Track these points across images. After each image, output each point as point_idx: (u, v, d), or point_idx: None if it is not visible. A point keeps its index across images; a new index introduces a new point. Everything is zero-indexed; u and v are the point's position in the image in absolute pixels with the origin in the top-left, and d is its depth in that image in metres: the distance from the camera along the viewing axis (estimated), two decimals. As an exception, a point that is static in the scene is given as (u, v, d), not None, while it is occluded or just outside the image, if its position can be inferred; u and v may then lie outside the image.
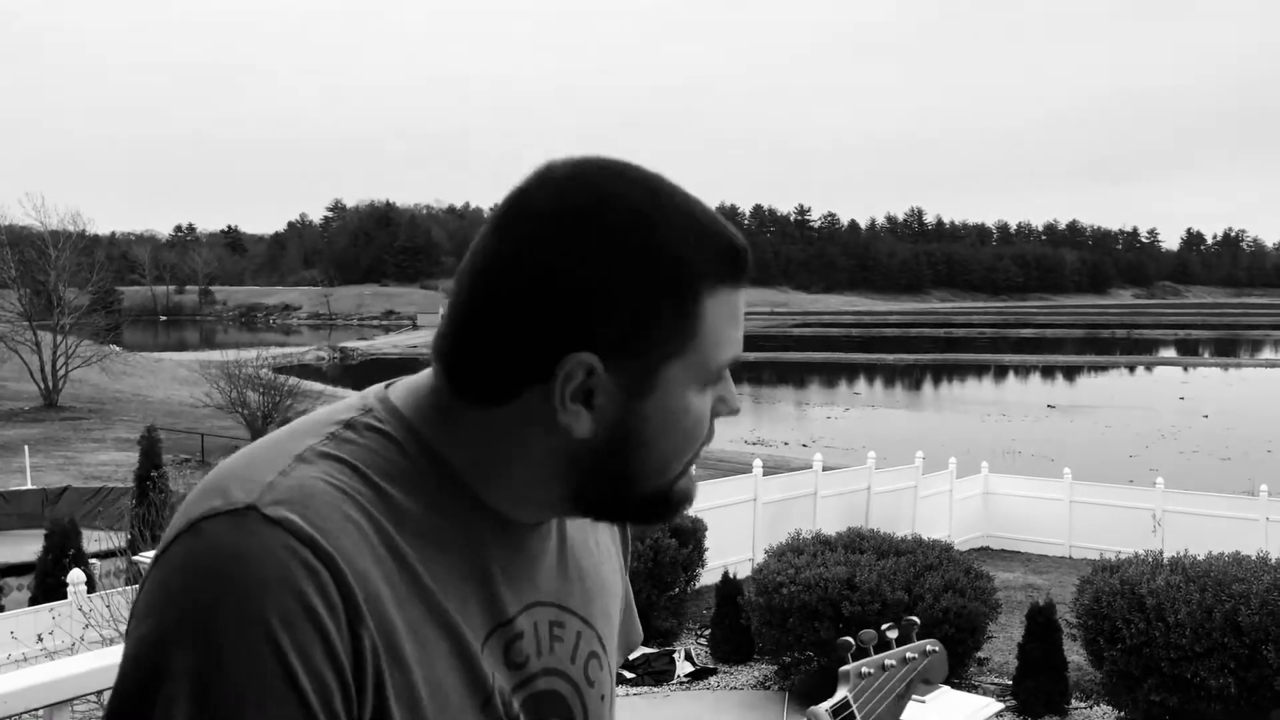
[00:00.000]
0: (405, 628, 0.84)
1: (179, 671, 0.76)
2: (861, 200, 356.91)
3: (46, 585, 9.81)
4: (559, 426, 0.87)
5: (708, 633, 9.61)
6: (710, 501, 11.65)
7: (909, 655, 1.27)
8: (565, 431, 0.87)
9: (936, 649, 1.30)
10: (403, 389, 0.93)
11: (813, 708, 1.14)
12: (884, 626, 1.25)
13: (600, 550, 1.06)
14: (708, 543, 9.86)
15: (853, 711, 1.17)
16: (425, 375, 0.93)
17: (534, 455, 0.89)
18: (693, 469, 0.95)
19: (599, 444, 0.88)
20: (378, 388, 0.94)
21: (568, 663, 0.97)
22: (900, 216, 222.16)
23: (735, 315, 0.90)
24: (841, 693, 1.18)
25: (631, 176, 0.88)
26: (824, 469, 13.69)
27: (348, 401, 0.93)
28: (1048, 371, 59.17)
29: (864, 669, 1.21)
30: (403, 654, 0.84)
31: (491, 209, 0.92)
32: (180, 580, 0.80)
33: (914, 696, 1.24)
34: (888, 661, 1.24)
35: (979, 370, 59.99)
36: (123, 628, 5.15)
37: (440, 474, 0.89)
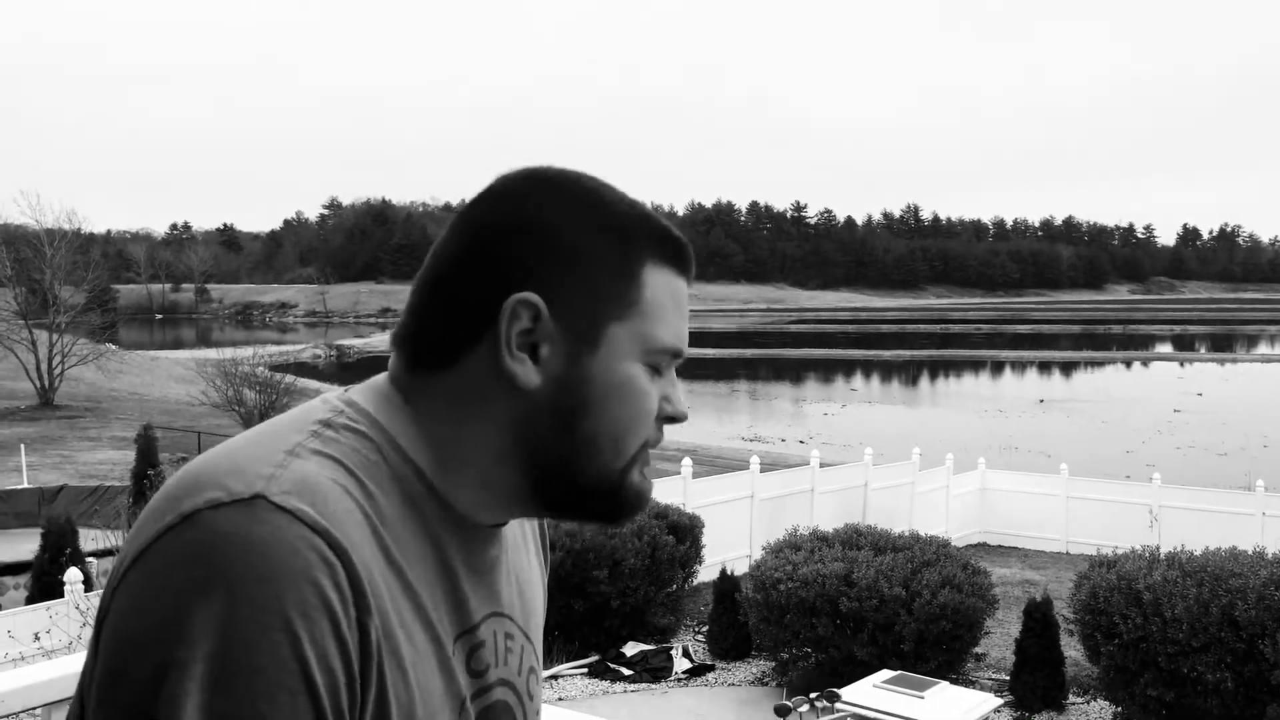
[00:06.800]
0: (400, 628, 0.84)
1: (189, 660, 0.74)
2: (858, 196, 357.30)
3: (43, 584, 9.81)
4: (510, 383, 0.88)
5: (705, 629, 9.62)
6: (707, 498, 11.65)
7: None
8: (513, 381, 0.88)
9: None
10: (364, 392, 0.93)
11: None
12: (812, 695, 1.36)
13: (531, 572, 1.07)
14: (705, 539, 9.86)
15: None
16: (382, 377, 0.94)
17: (489, 425, 0.90)
18: (647, 468, 0.95)
19: (548, 402, 0.89)
20: (337, 391, 0.94)
21: (515, 675, 0.98)
22: (896, 213, 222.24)
23: (678, 301, 0.93)
24: None
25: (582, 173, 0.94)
26: (821, 465, 13.69)
27: (313, 404, 0.92)
28: (1044, 367, 59.21)
29: None
30: (400, 653, 0.84)
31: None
32: (188, 569, 0.76)
33: (913, 693, 1.29)
34: None
35: (975, 366, 60.01)
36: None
37: (411, 474, 0.89)
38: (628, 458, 0.92)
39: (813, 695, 1.23)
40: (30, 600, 9.59)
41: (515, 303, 0.87)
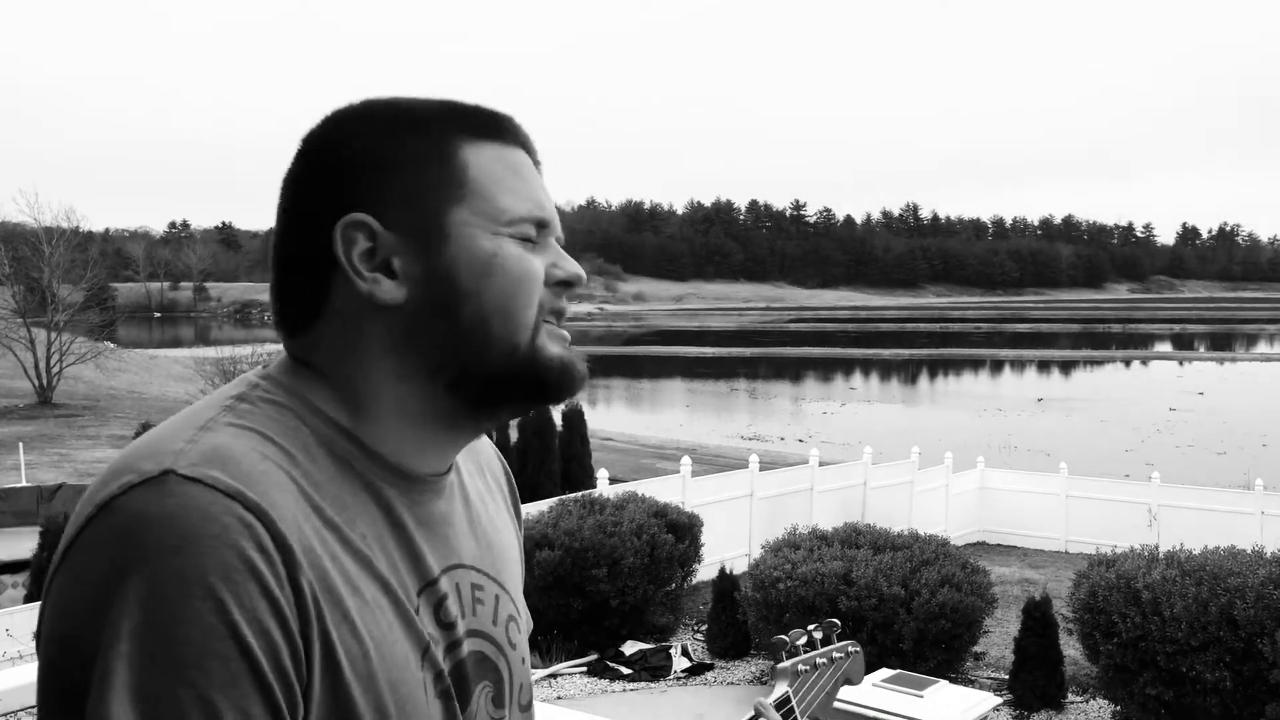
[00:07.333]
0: (344, 582, 0.83)
1: (114, 640, 0.73)
2: (857, 195, 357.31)
3: (42, 583, 9.80)
4: (375, 304, 0.88)
5: (704, 628, 9.62)
6: (707, 497, 11.66)
7: (835, 655, 1.33)
8: (375, 302, 0.88)
9: (856, 650, 1.38)
10: (276, 368, 0.94)
11: (759, 699, 1.19)
12: (810, 627, 1.32)
13: (501, 523, 1.07)
14: (704, 538, 9.86)
15: (792, 706, 1.21)
16: (284, 355, 0.95)
17: (378, 352, 0.90)
18: (570, 345, 0.94)
19: (421, 306, 0.89)
20: (255, 369, 0.95)
21: (490, 625, 0.98)
22: (896, 211, 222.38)
23: (517, 170, 0.93)
24: (781, 688, 1.23)
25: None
26: (820, 464, 13.69)
27: (229, 385, 0.93)
28: (1043, 366, 59.21)
29: (800, 666, 1.26)
30: (346, 607, 0.83)
31: None
32: (104, 556, 0.76)
33: (912, 692, 1.29)
34: (818, 660, 1.30)
35: (974, 365, 59.99)
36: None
37: (336, 433, 0.89)
38: (526, 327, 0.91)
39: (810, 626, 1.19)
40: (29, 599, 9.59)
41: (343, 227, 0.88)
